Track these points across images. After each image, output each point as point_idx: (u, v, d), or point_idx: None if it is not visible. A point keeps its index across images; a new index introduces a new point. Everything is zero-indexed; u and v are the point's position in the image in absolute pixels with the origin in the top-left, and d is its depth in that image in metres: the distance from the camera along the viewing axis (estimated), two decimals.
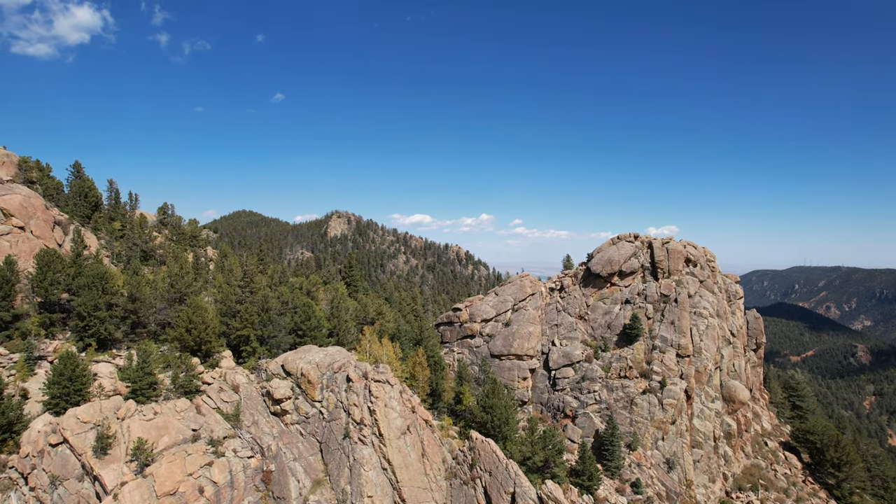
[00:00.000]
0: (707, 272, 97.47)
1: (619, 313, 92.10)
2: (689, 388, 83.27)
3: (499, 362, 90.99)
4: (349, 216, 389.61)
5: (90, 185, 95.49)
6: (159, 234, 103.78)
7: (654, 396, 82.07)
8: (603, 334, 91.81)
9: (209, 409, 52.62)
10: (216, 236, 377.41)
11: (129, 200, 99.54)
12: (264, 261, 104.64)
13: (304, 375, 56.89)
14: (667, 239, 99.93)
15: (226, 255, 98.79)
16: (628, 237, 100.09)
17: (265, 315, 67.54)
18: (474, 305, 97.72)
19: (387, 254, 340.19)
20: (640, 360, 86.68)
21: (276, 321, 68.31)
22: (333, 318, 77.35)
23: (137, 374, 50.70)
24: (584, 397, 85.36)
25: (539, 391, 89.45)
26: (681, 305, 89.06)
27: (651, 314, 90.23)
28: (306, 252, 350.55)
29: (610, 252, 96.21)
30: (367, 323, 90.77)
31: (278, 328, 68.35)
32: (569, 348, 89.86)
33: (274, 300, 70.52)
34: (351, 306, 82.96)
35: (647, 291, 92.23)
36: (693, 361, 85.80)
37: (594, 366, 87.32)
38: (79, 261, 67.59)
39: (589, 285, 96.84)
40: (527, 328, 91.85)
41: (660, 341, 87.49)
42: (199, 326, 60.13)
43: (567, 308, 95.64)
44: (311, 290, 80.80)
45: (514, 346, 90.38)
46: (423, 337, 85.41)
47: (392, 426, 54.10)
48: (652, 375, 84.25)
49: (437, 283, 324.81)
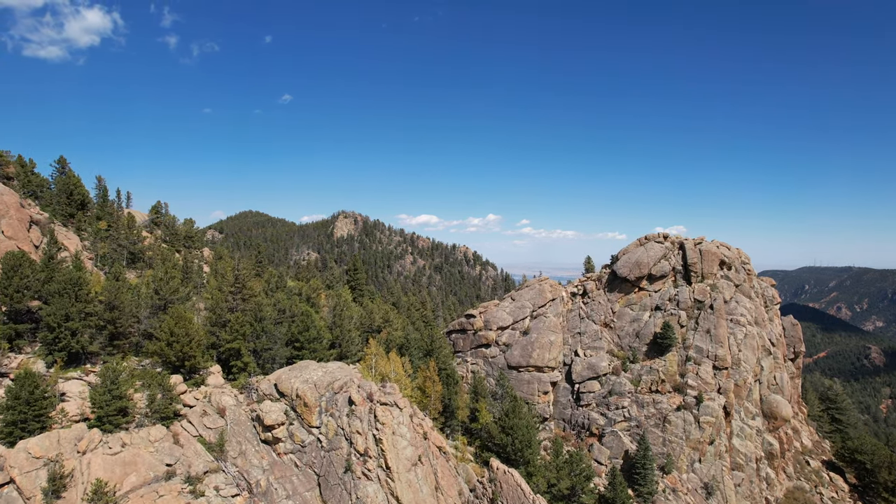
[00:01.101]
0: (743, 275, 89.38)
1: (649, 321, 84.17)
2: (727, 403, 75.29)
3: (517, 374, 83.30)
4: (356, 216, 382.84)
5: (76, 182, 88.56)
6: (150, 234, 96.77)
7: (689, 413, 74.14)
8: (631, 344, 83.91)
9: (189, 438, 45.24)
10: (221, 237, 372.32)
11: (116, 198, 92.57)
12: (262, 263, 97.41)
13: (299, 397, 49.43)
14: (698, 239, 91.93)
15: (221, 258, 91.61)
16: (657, 237, 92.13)
17: (258, 325, 60.24)
18: (489, 312, 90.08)
19: (394, 254, 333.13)
20: (673, 372, 78.76)
21: (271, 332, 60.96)
22: (336, 328, 69.98)
23: (104, 398, 43.39)
24: (611, 414, 77.52)
25: (561, 406, 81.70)
26: (717, 312, 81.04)
27: (684, 322, 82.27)
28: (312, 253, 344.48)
29: (637, 254, 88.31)
30: (373, 331, 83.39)
31: (273, 340, 61.01)
32: (594, 359, 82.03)
33: (269, 308, 63.22)
34: (355, 313, 75.60)
35: (680, 297, 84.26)
36: (731, 374, 77.78)
37: (622, 379, 79.47)
38: (51, 264, 60.60)
39: (615, 290, 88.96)
40: (547, 337, 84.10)
41: (694, 352, 79.52)
42: (181, 339, 52.85)
43: (591, 315, 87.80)
44: (311, 296, 73.53)
45: (533, 357, 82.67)
46: (434, 347, 77.88)
47: (401, 457, 46.56)
48: (686, 390, 76.33)
49: (444, 284, 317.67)
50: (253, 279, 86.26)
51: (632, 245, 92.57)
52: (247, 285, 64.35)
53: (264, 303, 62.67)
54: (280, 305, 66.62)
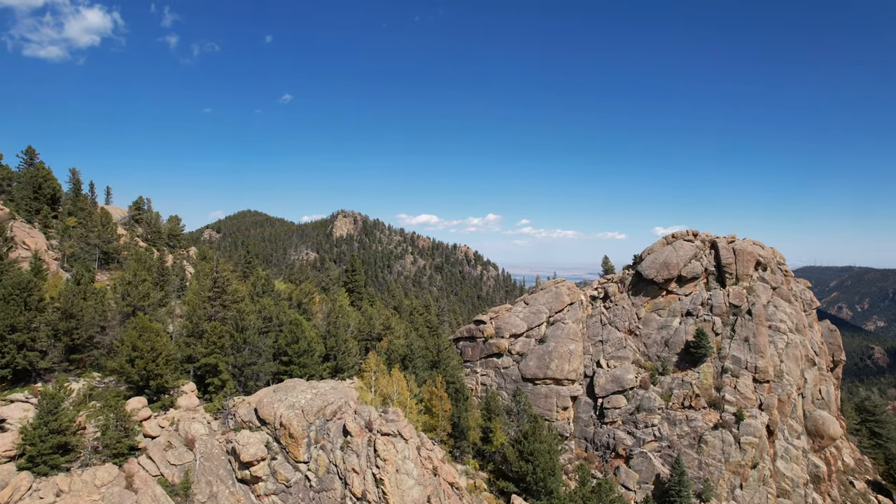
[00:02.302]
0: (780, 277, 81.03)
1: (679, 328, 75.80)
2: (771, 422, 66.95)
3: (532, 387, 74.94)
4: (355, 216, 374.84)
5: (45, 175, 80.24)
6: (129, 232, 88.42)
7: (728, 433, 65.83)
8: (659, 353, 75.55)
9: (146, 480, 36.87)
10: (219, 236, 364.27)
11: (90, 192, 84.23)
12: (252, 263, 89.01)
13: (284, 426, 41.04)
14: (730, 237, 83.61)
15: (205, 258, 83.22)
16: (686, 235, 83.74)
17: (240, 336, 51.87)
18: (501, 317, 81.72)
19: (394, 254, 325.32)
20: (708, 385, 70.42)
21: (255, 344, 52.59)
22: (330, 337, 61.63)
23: (39, 432, 35.05)
24: (640, 433, 69.20)
25: (582, 423, 73.33)
26: (756, 318, 72.70)
27: (719, 329, 73.90)
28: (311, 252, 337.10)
29: (665, 253, 79.93)
30: (373, 339, 75.07)
31: (257, 353, 52.63)
32: (619, 371, 73.68)
33: (252, 316, 54.84)
34: (353, 321, 67.24)
35: (713, 301, 75.88)
36: (773, 388, 69.43)
37: (651, 393, 71.14)
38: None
39: (639, 293, 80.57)
40: (566, 346, 75.76)
41: (731, 363, 71.18)
42: (145, 355, 44.56)
43: (614, 321, 79.44)
44: (302, 302, 65.22)
45: (551, 368, 74.34)
46: (441, 358, 69.60)
47: (406, 500, 38.24)
48: (724, 406, 68.00)
49: (445, 284, 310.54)
50: (239, 282, 77.99)
51: (657, 244, 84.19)
52: (227, 290, 56.00)
53: (247, 310, 54.29)
54: (266, 313, 58.25)
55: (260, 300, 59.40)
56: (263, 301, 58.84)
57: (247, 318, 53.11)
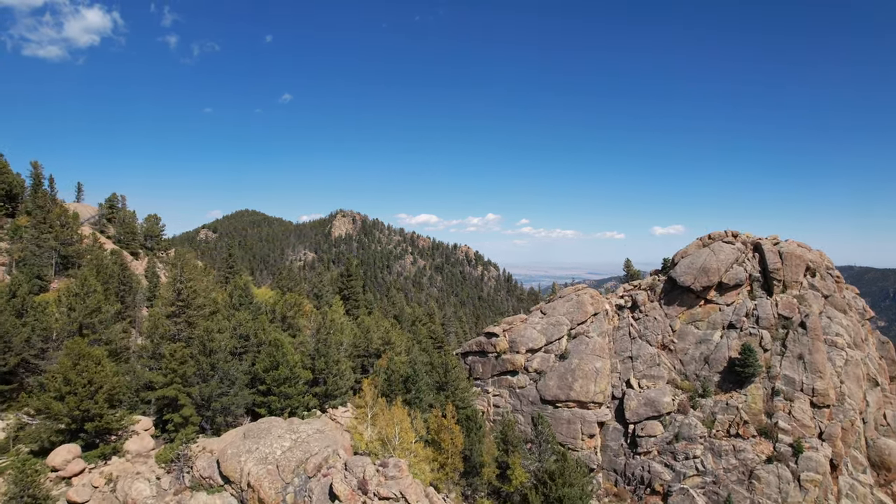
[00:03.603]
0: (831, 283, 71.47)
1: (721, 342, 66.26)
2: (834, 454, 57.49)
3: (553, 410, 65.42)
4: (354, 215, 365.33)
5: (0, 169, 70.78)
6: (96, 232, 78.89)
7: (784, 468, 56.36)
8: (698, 371, 66.05)
9: None
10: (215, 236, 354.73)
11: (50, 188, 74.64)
12: (235, 268, 79.40)
13: (252, 488, 31.51)
14: (773, 238, 74.09)
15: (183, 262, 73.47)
16: (724, 236, 74.10)
17: (207, 360, 42.41)
18: (515, 329, 72.16)
19: (393, 254, 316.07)
20: (758, 410, 60.96)
21: (226, 370, 43.09)
22: (320, 357, 52.12)
23: None
24: (679, 465, 59.71)
25: (611, 453, 63.78)
26: (812, 332, 63.18)
27: (768, 344, 64.38)
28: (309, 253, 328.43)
29: (703, 257, 70.30)
30: (371, 356, 65.62)
31: (228, 381, 43.17)
32: (653, 392, 64.16)
33: (224, 335, 45.32)
34: (347, 338, 57.66)
35: (760, 312, 66.30)
36: (834, 413, 59.97)
37: (691, 419, 61.65)
38: None
39: (673, 302, 70.96)
40: (592, 363, 66.23)
41: (783, 383, 61.69)
42: (80, 390, 35.04)
43: (644, 334, 69.89)
44: (287, 315, 55.71)
45: (574, 389, 64.82)
46: (449, 380, 60.14)
47: None
48: (777, 434, 58.55)
49: (445, 284, 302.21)
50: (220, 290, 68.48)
51: (692, 246, 74.58)
52: (192, 303, 46.43)
53: (217, 328, 44.76)
54: (242, 330, 48.70)
55: (235, 314, 49.82)
56: (239, 316, 49.25)
57: (216, 338, 43.59)
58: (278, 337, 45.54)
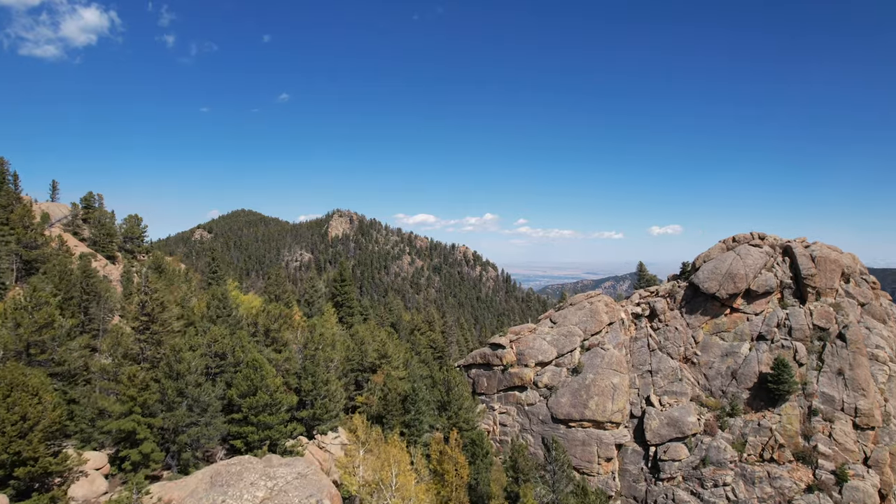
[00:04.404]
0: (867, 290, 65.62)
1: (750, 355, 60.33)
2: (883, 482, 51.63)
3: (565, 430, 59.48)
4: (351, 215, 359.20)
5: None
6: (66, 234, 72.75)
7: (827, 498, 50.51)
8: (724, 387, 60.13)
9: None
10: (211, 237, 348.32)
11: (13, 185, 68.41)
12: (219, 273, 73.24)
13: None
14: (801, 240, 68.21)
15: (160, 267, 67.46)
16: (750, 238, 68.14)
17: (173, 385, 36.40)
18: (523, 340, 66.17)
19: (391, 255, 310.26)
20: (794, 432, 55.08)
21: (196, 396, 37.08)
22: (307, 377, 46.14)
23: None
24: (708, 493, 53.76)
25: (630, 478, 57.80)
26: (852, 345, 57.31)
27: (803, 358, 58.48)
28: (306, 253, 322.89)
29: (728, 261, 64.29)
30: (365, 370, 59.66)
31: (199, 409, 37.18)
32: (676, 411, 58.22)
33: (195, 355, 39.25)
34: (338, 354, 51.60)
35: (793, 322, 60.38)
36: (880, 436, 54.11)
37: (719, 441, 55.72)
38: None
39: (696, 311, 64.98)
40: (608, 378, 60.28)
41: (822, 402, 55.83)
42: (8, 428, 29.01)
43: (665, 345, 63.93)
44: (271, 329, 49.64)
45: (589, 407, 58.88)
46: (451, 398, 54.16)
47: None
48: (817, 460, 52.68)
49: (444, 285, 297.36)
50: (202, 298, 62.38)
51: (714, 249, 68.62)
52: (159, 317, 40.36)
53: (188, 345, 38.70)
54: (217, 347, 42.66)
55: (213, 328, 43.74)
56: (215, 331, 43.17)
57: (185, 358, 37.50)
58: (257, 357, 39.45)
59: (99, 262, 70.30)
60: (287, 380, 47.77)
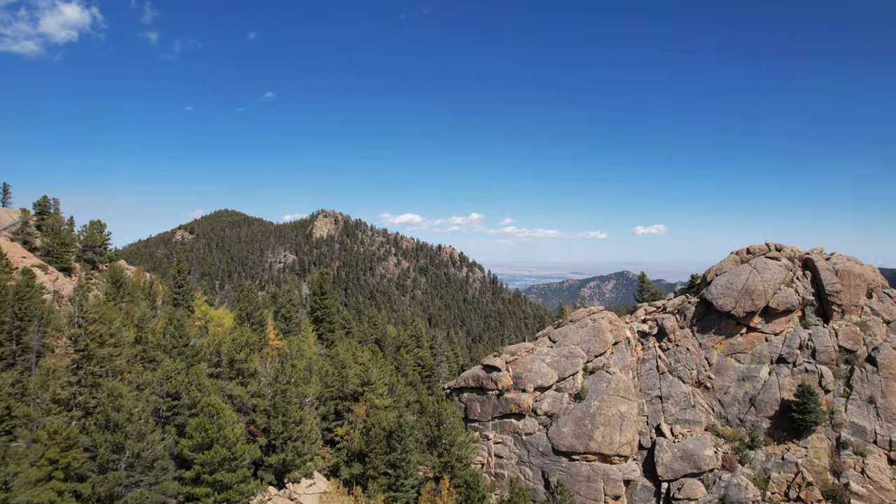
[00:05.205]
0: (891, 306, 60.53)
1: (770, 380, 54.99)
2: None
3: (568, 464, 53.69)
4: (336, 216, 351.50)
5: None
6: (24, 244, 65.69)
7: None
8: (742, 415, 54.73)
9: None
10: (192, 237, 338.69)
11: None
12: (184, 288, 66.38)
13: None
14: (819, 250, 63.03)
15: (118, 281, 60.49)
16: (767, 250, 62.74)
17: (109, 440, 30.00)
18: (521, 362, 60.26)
19: (376, 256, 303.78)
20: (822, 467, 49.78)
21: (137, 452, 30.69)
22: (276, 417, 39.84)
23: None
24: None
25: None
26: (884, 369, 52.18)
27: (829, 383, 53.23)
28: (290, 255, 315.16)
29: (744, 276, 58.83)
30: (346, 398, 53.45)
31: (143, 468, 30.79)
32: (690, 443, 52.63)
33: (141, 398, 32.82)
34: (314, 387, 45.12)
35: (816, 343, 55.12)
36: None
37: (740, 478, 50.20)
38: None
39: (709, 329, 59.48)
40: (615, 406, 54.55)
41: (851, 432, 50.63)
42: None
43: (675, 368, 58.36)
44: (235, 359, 43.25)
45: (595, 439, 53.13)
46: (442, 433, 48.14)
47: None
48: (850, 499, 47.39)
49: (430, 287, 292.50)
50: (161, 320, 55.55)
51: (727, 261, 63.16)
52: (96, 354, 33.85)
53: (127, 390, 32.27)
54: (169, 386, 36.26)
55: (163, 364, 37.27)
56: (167, 366, 36.71)
57: (125, 406, 31.06)
58: (213, 402, 33.05)
59: (49, 275, 63.33)
60: (254, 418, 41.44)
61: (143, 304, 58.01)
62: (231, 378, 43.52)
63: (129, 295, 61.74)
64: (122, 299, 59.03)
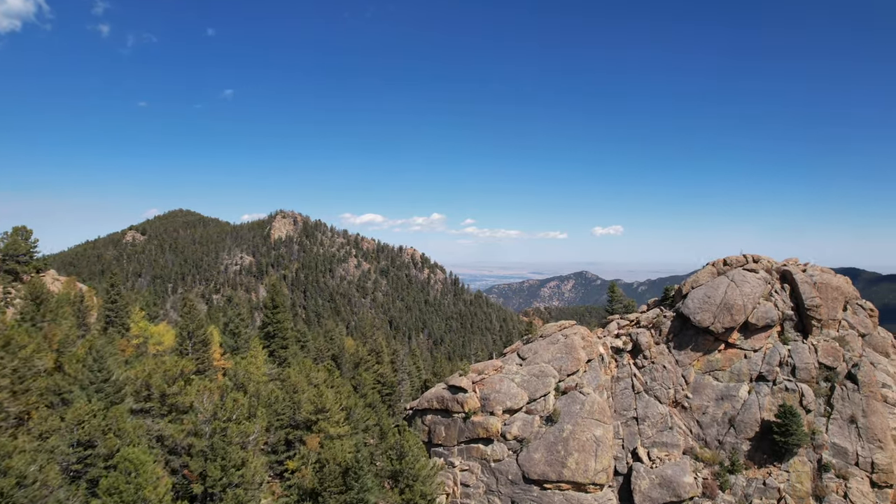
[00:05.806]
0: (865, 319, 58.92)
1: (750, 399, 52.41)
2: None
3: (539, 493, 49.88)
4: (295, 216, 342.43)
5: None
6: None
7: None
8: (720, 436, 52.00)
9: None
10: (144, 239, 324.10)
11: None
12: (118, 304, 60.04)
13: None
14: (794, 260, 61.02)
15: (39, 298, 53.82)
16: (744, 262, 60.36)
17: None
18: (488, 382, 56.22)
19: (336, 257, 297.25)
20: (805, 492, 47.32)
21: None
22: (214, 459, 34.69)
23: None
24: None
25: None
26: (864, 387, 50.14)
27: (810, 403, 50.93)
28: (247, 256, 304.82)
29: (721, 289, 56.19)
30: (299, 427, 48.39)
31: None
32: (669, 469, 49.51)
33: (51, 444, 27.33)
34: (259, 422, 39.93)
35: (796, 360, 52.82)
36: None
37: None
38: None
39: (686, 346, 56.66)
40: (589, 430, 51.01)
41: (832, 454, 48.37)
42: None
43: (652, 387, 55.29)
44: (167, 394, 37.80)
45: (568, 467, 49.45)
46: (404, 467, 43.71)
47: None
48: None
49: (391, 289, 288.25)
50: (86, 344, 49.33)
51: (703, 273, 60.56)
52: None
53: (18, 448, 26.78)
54: (82, 433, 30.79)
55: (74, 407, 31.74)
56: (80, 409, 31.20)
57: (14, 467, 25.59)
58: (132, 456, 27.82)
59: None
60: (187, 462, 36.20)
61: (67, 324, 51.58)
62: (162, 415, 38.08)
63: (52, 312, 55.20)
64: (44, 318, 52.58)
